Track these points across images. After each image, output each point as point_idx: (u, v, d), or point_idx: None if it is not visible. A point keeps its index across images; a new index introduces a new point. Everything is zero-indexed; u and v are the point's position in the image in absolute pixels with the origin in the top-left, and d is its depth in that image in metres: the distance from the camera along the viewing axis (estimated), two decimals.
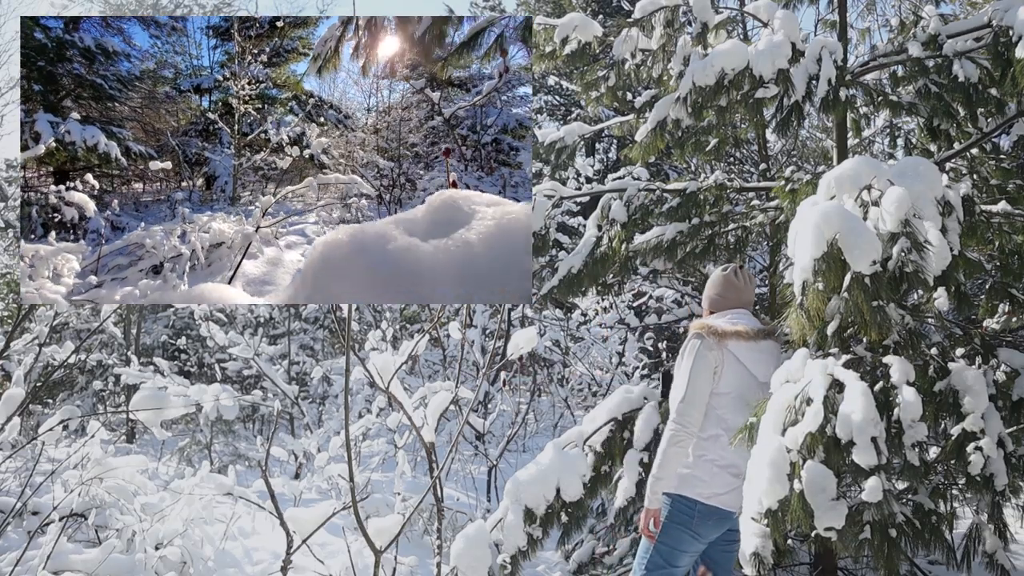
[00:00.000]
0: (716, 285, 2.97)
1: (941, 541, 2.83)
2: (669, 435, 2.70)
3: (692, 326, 2.81)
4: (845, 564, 4.05)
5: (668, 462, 2.69)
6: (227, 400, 3.89)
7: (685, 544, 2.74)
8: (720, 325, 2.77)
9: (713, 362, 2.72)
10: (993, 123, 3.60)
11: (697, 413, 2.69)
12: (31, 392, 4.27)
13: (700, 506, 2.70)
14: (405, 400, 3.24)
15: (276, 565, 4.20)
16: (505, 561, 3.29)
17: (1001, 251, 3.29)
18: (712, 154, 4.36)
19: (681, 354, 2.80)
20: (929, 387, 2.85)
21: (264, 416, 9.72)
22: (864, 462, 2.36)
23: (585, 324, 8.35)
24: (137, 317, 9.87)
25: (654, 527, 2.73)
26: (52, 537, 3.57)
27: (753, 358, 2.76)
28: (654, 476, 2.72)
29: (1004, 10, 3.18)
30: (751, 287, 2.97)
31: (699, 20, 3.57)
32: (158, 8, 14.28)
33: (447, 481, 6.51)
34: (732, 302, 2.91)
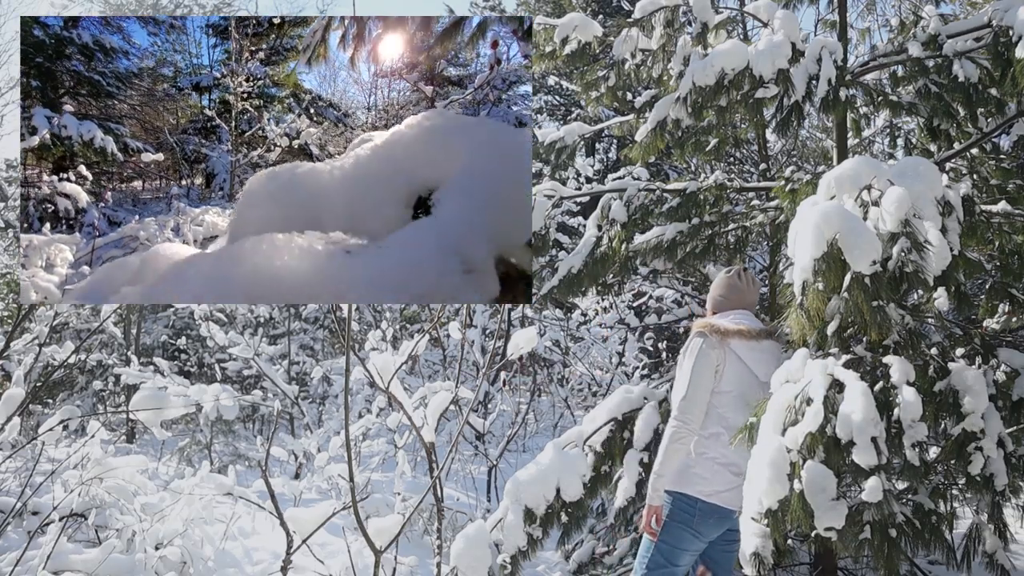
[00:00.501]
0: (719, 287, 3.01)
1: (941, 541, 2.83)
2: (671, 432, 2.73)
3: (695, 325, 2.84)
4: (845, 564, 4.05)
5: (670, 459, 2.71)
6: (227, 400, 3.89)
7: (686, 543, 2.75)
8: (723, 324, 2.80)
9: (715, 360, 2.74)
10: (993, 123, 3.60)
11: (698, 411, 2.72)
12: (31, 392, 4.27)
13: (701, 504, 2.71)
14: (405, 400, 3.24)
15: (276, 565, 4.20)
16: (505, 561, 3.29)
17: (1001, 251, 3.30)
18: (712, 154, 4.36)
19: (683, 352, 2.83)
20: (929, 387, 2.85)
21: (264, 416, 9.72)
22: (864, 462, 2.36)
23: (585, 324, 8.35)
24: (137, 317, 9.87)
25: (656, 524, 2.74)
26: (52, 537, 3.57)
27: (755, 357, 2.78)
28: (656, 473, 2.74)
29: (1004, 10, 3.18)
30: (754, 289, 3.01)
31: (699, 20, 3.57)
32: (158, 8, 14.28)
33: (447, 481, 6.51)
34: (735, 303, 2.95)
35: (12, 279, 9.99)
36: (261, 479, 3.33)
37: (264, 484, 3.20)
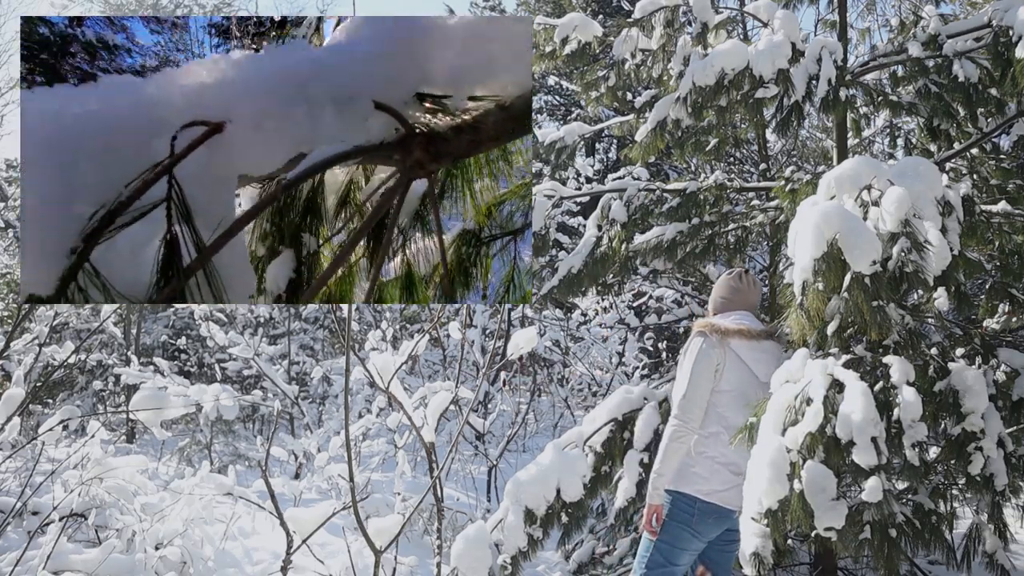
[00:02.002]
0: (721, 289, 3.02)
1: (941, 541, 2.83)
2: (671, 431, 2.74)
3: (696, 324, 2.85)
4: (845, 564, 4.06)
5: (670, 457, 2.72)
6: (227, 400, 3.89)
7: (685, 542, 2.76)
8: (724, 324, 2.82)
9: (716, 360, 2.76)
10: (993, 123, 3.60)
11: (698, 410, 2.73)
12: (31, 392, 4.27)
13: (700, 503, 2.72)
14: (405, 400, 3.24)
15: (276, 565, 4.20)
16: (505, 561, 3.29)
17: (1001, 251, 3.30)
18: (712, 154, 4.36)
19: (684, 352, 2.84)
20: (929, 387, 2.85)
21: (264, 416, 9.72)
22: (864, 462, 2.36)
23: (585, 324, 8.35)
24: (137, 317, 9.87)
25: (656, 523, 2.74)
26: (52, 537, 3.57)
27: (755, 357, 2.79)
28: (656, 472, 2.74)
29: (1004, 10, 3.18)
30: (756, 291, 3.02)
31: (699, 20, 3.58)
32: (158, 8, 14.29)
33: (447, 481, 6.51)
34: (736, 304, 2.96)
35: (12, 279, 9.99)
36: (261, 479, 3.33)
37: (264, 484, 3.20)
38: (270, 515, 3.41)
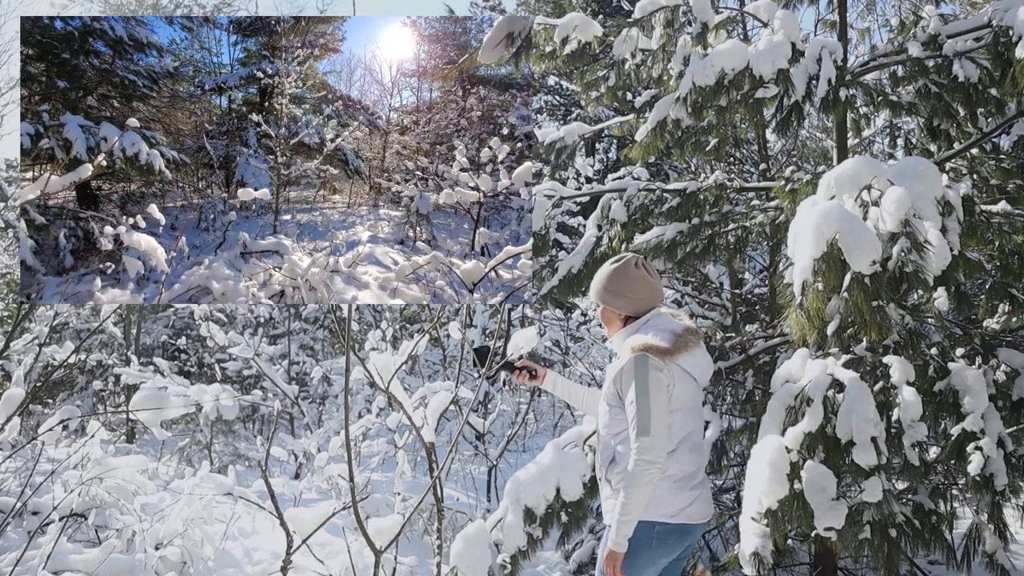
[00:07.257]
0: (628, 284, 2.64)
1: (941, 541, 2.83)
2: (638, 473, 2.41)
3: (634, 348, 2.51)
4: (845, 564, 4.06)
5: (638, 500, 2.43)
6: (227, 400, 3.89)
7: (651, 566, 2.55)
8: (662, 344, 2.52)
9: (666, 382, 2.50)
10: (993, 123, 3.60)
11: (663, 443, 2.45)
12: (31, 392, 4.26)
13: (659, 526, 2.49)
14: (405, 400, 3.24)
15: (276, 565, 4.20)
16: (505, 561, 3.29)
17: (1001, 251, 3.30)
18: (712, 154, 4.36)
19: (628, 379, 2.51)
20: (929, 387, 2.85)
21: (264, 416, 9.73)
22: (864, 462, 2.36)
23: (585, 324, 8.36)
24: (137, 317, 9.87)
25: (615, 573, 2.48)
26: (52, 537, 3.57)
27: (696, 363, 2.57)
28: (622, 518, 2.43)
29: (1004, 10, 3.19)
30: (659, 277, 2.71)
31: (699, 20, 3.58)
32: (158, 8, 14.28)
33: (447, 481, 6.51)
34: (651, 300, 2.64)
35: (12, 279, 9.99)
36: (261, 479, 3.33)
37: (264, 484, 3.20)
38: (270, 515, 3.40)
